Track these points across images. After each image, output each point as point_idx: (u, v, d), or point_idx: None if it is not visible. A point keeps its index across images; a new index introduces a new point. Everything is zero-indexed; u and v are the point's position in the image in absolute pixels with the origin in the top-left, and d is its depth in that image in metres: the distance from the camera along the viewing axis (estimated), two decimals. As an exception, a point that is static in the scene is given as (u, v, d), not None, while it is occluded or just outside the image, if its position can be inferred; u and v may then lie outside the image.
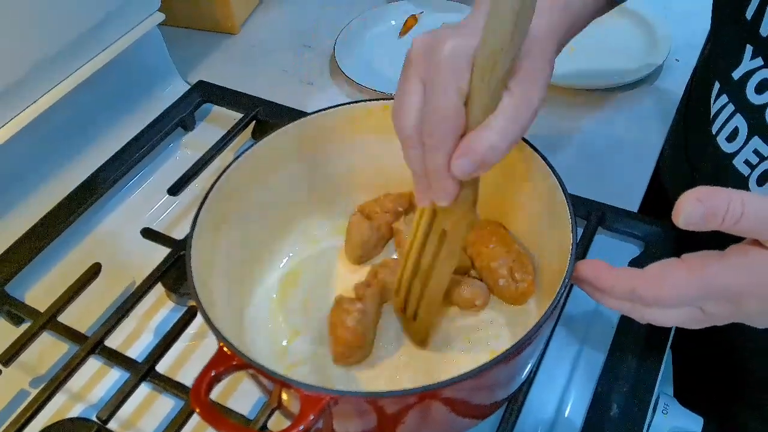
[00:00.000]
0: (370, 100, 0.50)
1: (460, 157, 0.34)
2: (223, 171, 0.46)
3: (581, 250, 0.52)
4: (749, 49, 0.43)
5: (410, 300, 0.45)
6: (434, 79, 0.34)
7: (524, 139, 0.46)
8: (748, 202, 0.32)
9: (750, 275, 0.34)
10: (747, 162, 0.46)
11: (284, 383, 0.35)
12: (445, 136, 0.34)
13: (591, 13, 0.45)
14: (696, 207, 0.32)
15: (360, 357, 0.46)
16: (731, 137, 0.47)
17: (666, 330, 0.49)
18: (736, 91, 0.45)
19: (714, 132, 0.48)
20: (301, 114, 0.50)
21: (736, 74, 0.45)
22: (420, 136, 0.36)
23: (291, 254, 0.53)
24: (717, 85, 0.48)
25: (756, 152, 0.45)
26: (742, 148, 0.46)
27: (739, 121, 0.46)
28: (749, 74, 0.44)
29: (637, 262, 0.53)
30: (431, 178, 0.36)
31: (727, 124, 0.47)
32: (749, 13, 0.43)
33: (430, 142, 0.35)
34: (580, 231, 0.53)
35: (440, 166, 0.35)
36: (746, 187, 0.46)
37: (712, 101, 0.49)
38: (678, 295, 0.35)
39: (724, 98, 0.47)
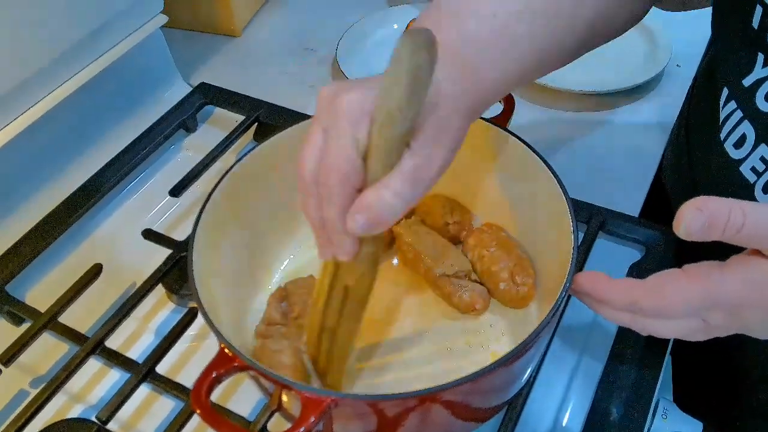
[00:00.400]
0: (372, 103, 0.50)
1: (354, 214, 0.33)
2: (226, 173, 0.46)
3: (582, 254, 0.52)
4: (761, 57, 0.44)
5: (320, 356, 0.43)
6: (331, 130, 0.34)
7: (526, 143, 0.46)
8: (749, 212, 0.32)
9: (752, 286, 0.33)
10: (753, 169, 0.46)
11: (285, 385, 0.35)
12: (338, 188, 0.33)
13: (507, 83, 0.41)
14: (697, 216, 0.32)
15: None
16: (738, 144, 0.47)
17: (666, 335, 0.49)
18: (745, 98, 0.45)
19: (722, 138, 0.48)
20: (303, 116, 0.50)
21: (747, 81, 0.45)
22: (316, 185, 0.35)
23: (292, 256, 0.53)
24: (726, 92, 0.48)
25: (763, 159, 0.45)
26: (749, 155, 0.46)
27: (747, 128, 0.46)
28: (760, 82, 0.44)
29: (638, 267, 0.53)
30: (328, 231, 0.35)
31: (735, 131, 0.47)
32: (755, 22, 0.43)
33: (323, 192, 0.34)
34: (581, 235, 0.53)
35: (334, 220, 0.34)
36: (752, 195, 0.46)
37: (720, 107, 0.49)
38: (679, 305, 0.35)
39: (732, 104, 0.47)
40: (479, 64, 0.38)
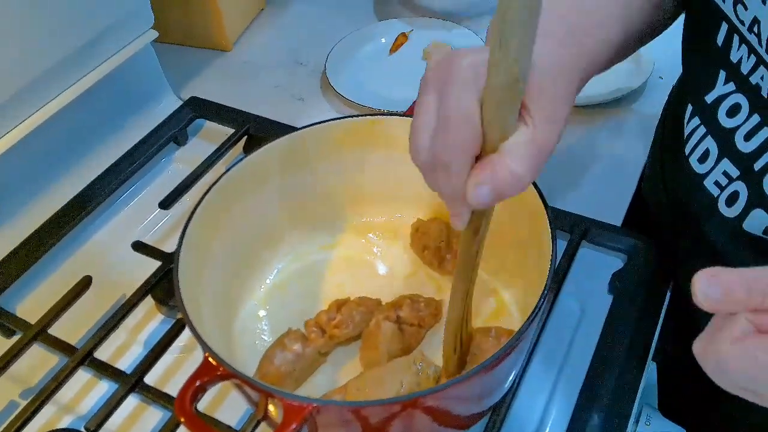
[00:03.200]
0: (359, 115, 0.51)
1: (480, 185, 0.32)
2: (212, 185, 0.47)
3: (565, 262, 0.53)
4: (722, 74, 0.45)
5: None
6: (449, 89, 0.32)
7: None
8: None
9: None
10: (717, 183, 0.47)
11: (268, 393, 0.35)
12: (461, 158, 0.32)
13: (610, 54, 0.42)
14: (712, 282, 0.26)
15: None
16: (702, 158, 0.48)
17: (647, 343, 0.50)
18: (708, 114, 0.47)
19: (687, 153, 0.50)
20: (292, 129, 0.51)
21: (710, 98, 0.46)
22: (434, 156, 0.33)
23: (279, 267, 0.54)
24: (690, 108, 0.49)
25: (725, 174, 0.46)
26: (712, 169, 0.47)
27: (710, 143, 0.47)
28: (722, 98, 0.45)
29: (620, 276, 0.54)
30: (448, 199, 0.34)
31: (699, 146, 0.48)
32: (719, 40, 0.44)
33: (442, 162, 0.32)
34: (564, 244, 0.54)
35: (459, 189, 0.33)
36: (716, 208, 0.47)
37: (685, 123, 0.50)
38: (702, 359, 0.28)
39: (696, 120, 0.48)
40: (586, 29, 0.39)
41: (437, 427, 0.40)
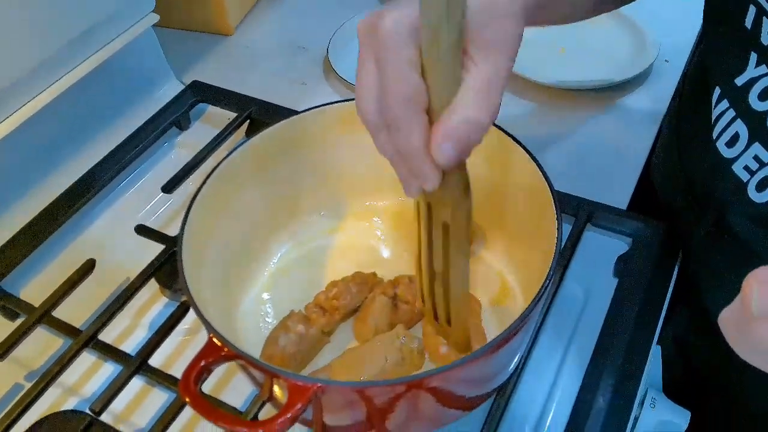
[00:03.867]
0: (360, 98, 0.51)
1: (442, 142, 0.32)
2: (215, 169, 0.46)
3: (570, 246, 0.52)
4: (753, 56, 0.44)
5: (438, 307, 0.43)
6: (382, 54, 0.32)
7: (512, 136, 0.47)
8: None
9: None
10: (747, 168, 0.46)
11: (273, 373, 0.35)
12: (406, 113, 0.32)
13: None
14: (764, 290, 0.26)
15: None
16: (731, 143, 0.47)
17: (652, 326, 0.50)
18: (738, 97, 0.46)
19: (714, 137, 0.49)
20: (295, 113, 0.50)
21: (740, 81, 0.45)
22: (383, 119, 0.33)
23: (282, 251, 0.54)
24: (717, 91, 0.48)
25: (756, 158, 0.45)
26: (742, 153, 0.46)
27: (740, 127, 0.46)
28: (753, 81, 0.44)
29: (625, 259, 0.54)
30: (408, 162, 0.34)
31: (728, 130, 0.47)
32: (748, 22, 0.43)
33: (392, 122, 0.33)
34: (569, 227, 0.54)
35: (412, 148, 0.33)
36: (745, 193, 0.46)
37: (712, 105, 0.49)
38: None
39: (725, 103, 0.47)
40: None
41: (441, 408, 0.40)
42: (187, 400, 0.34)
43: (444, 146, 0.32)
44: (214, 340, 0.36)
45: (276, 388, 0.38)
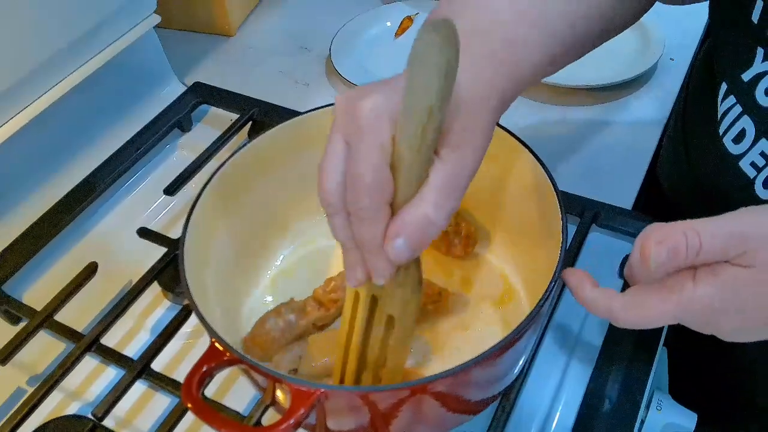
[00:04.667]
0: (363, 99, 0.50)
1: (395, 238, 0.31)
2: (217, 170, 0.46)
3: (575, 246, 0.52)
4: (760, 51, 0.43)
5: (363, 382, 0.41)
6: (354, 141, 0.32)
7: (516, 137, 0.46)
8: (701, 231, 0.32)
9: (722, 295, 0.34)
10: (753, 164, 0.46)
11: (275, 378, 0.35)
12: (372, 204, 0.31)
13: (542, 71, 0.40)
14: (659, 250, 0.33)
15: (259, 356, 0.45)
16: (738, 139, 0.47)
17: (659, 327, 0.50)
18: (744, 93, 0.45)
19: (720, 133, 0.48)
20: (297, 114, 0.50)
21: (746, 76, 0.45)
22: (344, 203, 0.33)
23: (286, 253, 0.53)
24: (724, 86, 0.48)
25: (763, 154, 0.45)
26: (749, 150, 0.46)
27: (747, 123, 0.45)
28: (760, 77, 0.44)
29: (631, 259, 0.53)
30: (363, 250, 0.33)
31: (734, 126, 0.47)
32: (755, 16, 0.43)
33: (353, 209, 0.32)
34: (574, 228, 0.53)
35: (371, 240, 0.32)
36: (752, 190, 0.46)
37: (718, 102, 0.49)
38: (654, 318, 0.35)
39: (731, 99, 0.47)
40: (514, 52, 0.36)
41: (446, 412, 0.40)
42: (190, 405, 0.34)
43: (397, 242, 0.32)
44: (217, 344, 0.36)
45: (279, 393, 0.38)
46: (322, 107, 0.50)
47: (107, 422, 0.45)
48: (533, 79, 0.39)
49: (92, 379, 0.50)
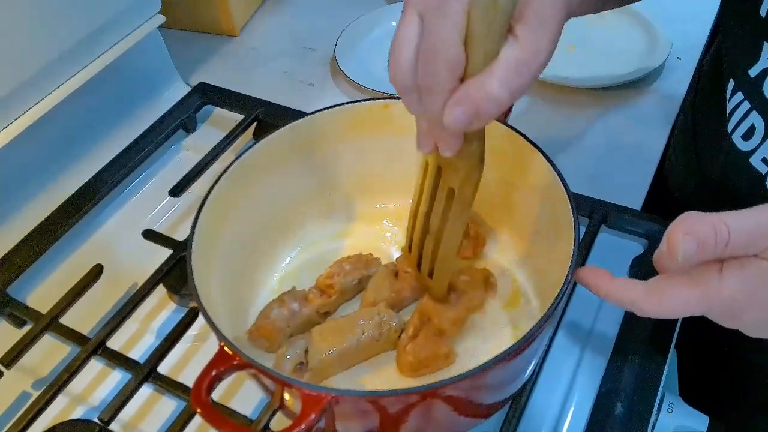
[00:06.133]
0: (370, 100, 0.50)
1: (454, 106, 0.31)
2: (224, 172, 0.46)
3: (584, 248, 0.52)
4: (766, 46, 0.43)
5: (424, 259, 0.43)
6: (431, 15, 0.31)
7: (526, 137, 0.46)
8: (730, 223, 0.32)
9: (749, 289, 0.33)
10: (764, 160, 0.45)
11: (285, 383, 0.34)
12: (444, 75, 0.31)
13: None
14: (689, 242, 0.32)
15: (266, 347, 0.46)
16: (747, 135, 0.46)
17: (670, 329, 0.49)
18: (752, 89, 0.45)
19: (729, 130, 0.48)
20: (302, 114, 0.50)
21: (753, 71, 0.45)
22: (415, 80, 0.33)
23: (292, 255, 0.53)
24: (732, 83, 0.48)
25: None
26: (759, 146, 0.45)
27: (756, 119, 0.45)
28: (766, 72, 0.44)
29: (641, 260, 0.53)
30: (433, 124, 0.33)
31: (743, 122, 0.47)
32: (763, 11, 0.42)
33: (425, 82, 0.32)
34: (583, 229, 0.53)
35: (439, 112, 0.32)
36: (763, 186, 0.45)
37: (727, 98, 0.48)
38: (678, 309, 0.35)
39: (739, 95, 0.47)
40: None
41: (456, 416, 0.39)
42: (199, 411, 0.33)
43: (456, 110, 0.32)
44: (226, 349, 0.35)
45: (287, 397, 0.37)
46: (328, 108, 0.50)
47: (113, 426, 0.44)
48: None
49: (98, 382, 0.49)
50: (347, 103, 0.50)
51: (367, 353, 0.46)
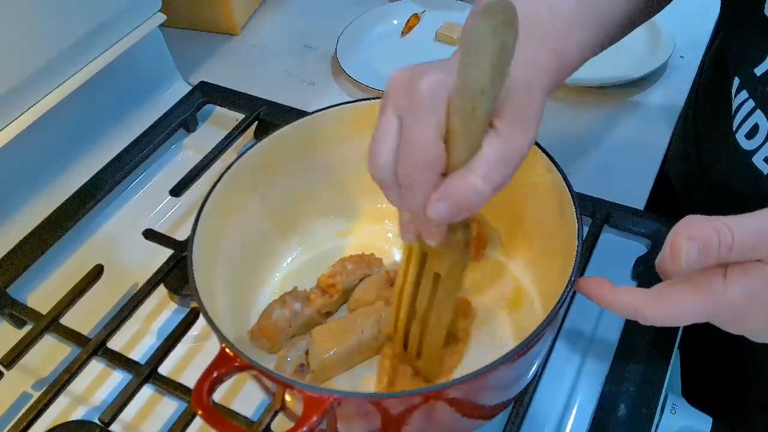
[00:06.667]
0: (372, 98, 0.50)
1: (437, 201, 0.32)
2: (224, 172, 0.45)
3: (587, 248, 0.51)
4: None
5: (411, 340, 0.43)
6: (409, 116, 0.32)
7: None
8: (734, 227, 0.32)
9: (753, 295, 0.33)
10: (767, 160, 0.45)
11: (287, 384, 0.34)
12: (423, 176, 0.32)
13: (584, 57, 0.42)
14: (692, 247, 0.32)
15: (268, 348, 0.46)
16: (751, 134, 0.46)
17: (673, 330, 0.49)
18: (757, 88, 0.45)
19: (734, 128, 0.48)
20: (303, 113, 0.49)
21: (759, 71, 0.44)
22: (395, 177, 0.33)
23: (294, 255, 0.53)
24: (737, 81, 0.47)
25: None
26: (762, 145, 0.45)
27: (760, 118, 0.45)
28: None
29: (644, 261, 0.52)
30: (416, 218, 0.34)
31: (747, 121, 0.46)
32: (767, 10, 0.42)
33: (406, 182, 0.33)
34: (586, 229, 0.53)
35: (420, 208, 0.33)
36: (765, 186, 0.45)
37: (732, 97, 0.48)
38: (682, 316, 0.35)
39: (744, 94, 0.46)
40: (565, 37, 0.37)
41: (459, 418, 0.39)
42: (200, 412, 0.33)
43: (439, 205, 0.32)
44: (227, 350, 0.35)
45: (289, 399, 0.37)
46: (330, 107, 0.50)
47: (114, 427, 0.44)
48: (578, 65, 0.40)
49: (98, 383, 0.49)
50: (349, 102, 0.50)
51: (368, 352, 0.45)
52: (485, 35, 0.28)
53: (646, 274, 0.52)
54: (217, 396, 0.46)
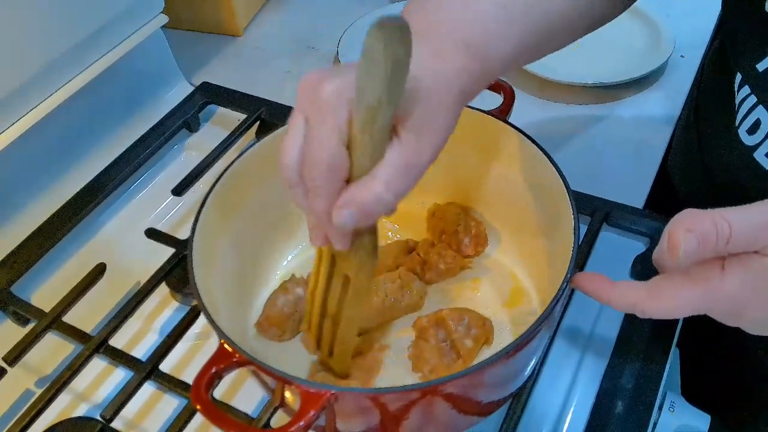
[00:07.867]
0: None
1: (341, 208, 0.32)
2: (224, 171, 0.46)
3: (586, 246, 0.51)
4: None
5: (323, 340, 0.43)
6: (313, 119, 0.32)
7: (527, 135, 0.46)
8: (732, 219, 0.32)
9: (751, 287, 0.33)
10: None
11: (285, 380, 0.35)
12: (323, 180, 0.32)
13: (513, 65, 0.40)
14: (690, 239, 0.32)
15: (278, 336, 0.46)
16: (752, 130, 0.46)
17: (672, 328, 0.49)
18: (759, 84, 0.45)
19: (736, 124, 0.48)
20: (303, 113, 0.50)
21: (761, 66, 0.45)
22: (300, 177, 0.34)
23: (293, 254, 0.53)
24: (739, 77, 0.47)
25: None
26: (763, 140, 0.45)
27: (762, 114, 0.45)
28: None
29: (643, 259, 0.53)
30: (320, 221, 0.34)
31: (749, 117, 0.46)
32: None
33: (310, 185, 0.33)
34: (585, 228, 0.53)
35: (322, 212, 0.33)
36: (766, 181, 0.45)
37: (735, 92, 0.48)
38: (680, 308, 0.35)
39: (746, 90, 0.47)
40: (486, 43, 0.37)
41: (456, 414, 0.39)
42: (199, 407, 0.33)
43: (343, 212, 0.32)
44: (226, 346, 0.36)
45: (288, 394, 0.38)
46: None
47: (116, 424, 0.45)
48: (501, 72, 0.39)
49: (101, 380, 0.49)
50: (348, 101, 0.50)
51: (392, 315, 0.47)
52: (378, 50, 0.28)
53: (644, 272, 0.52)
54: (218, 393, 0.47)
